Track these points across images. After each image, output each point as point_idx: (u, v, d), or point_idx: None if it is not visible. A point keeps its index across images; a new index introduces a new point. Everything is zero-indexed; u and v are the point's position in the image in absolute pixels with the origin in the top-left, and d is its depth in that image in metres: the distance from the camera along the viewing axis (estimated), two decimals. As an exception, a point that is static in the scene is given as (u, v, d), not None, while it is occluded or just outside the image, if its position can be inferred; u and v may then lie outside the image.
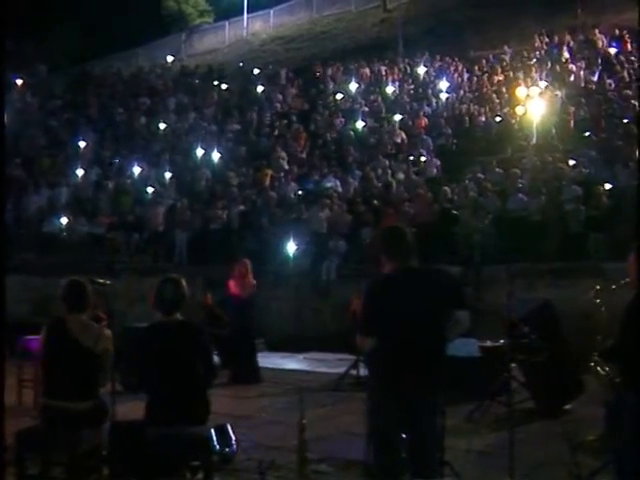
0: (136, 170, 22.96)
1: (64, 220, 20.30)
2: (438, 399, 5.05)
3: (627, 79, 21.26)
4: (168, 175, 22.41)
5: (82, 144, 25.20)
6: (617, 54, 23.50)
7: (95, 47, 39.50)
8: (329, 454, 7.49)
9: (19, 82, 29.79)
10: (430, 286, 5.05)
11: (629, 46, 23.88)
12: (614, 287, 6.07)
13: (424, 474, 4.98)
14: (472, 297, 13.72)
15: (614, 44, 24.21)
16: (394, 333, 4.93)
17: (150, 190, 21.48)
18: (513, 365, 8.68)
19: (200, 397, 5.50)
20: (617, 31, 24.93)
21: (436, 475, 5.16)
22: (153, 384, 5.45)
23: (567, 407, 9.50)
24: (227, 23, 42.82)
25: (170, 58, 37.97)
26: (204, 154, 23.29)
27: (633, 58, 22.51)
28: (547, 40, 25.98)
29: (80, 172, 23.27)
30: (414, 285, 5.02)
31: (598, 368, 6.23)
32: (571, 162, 16.94)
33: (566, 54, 24.27)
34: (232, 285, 12.78)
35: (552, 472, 7.02)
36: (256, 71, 30.96)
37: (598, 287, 6.35)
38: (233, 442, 7.45)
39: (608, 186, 14.79)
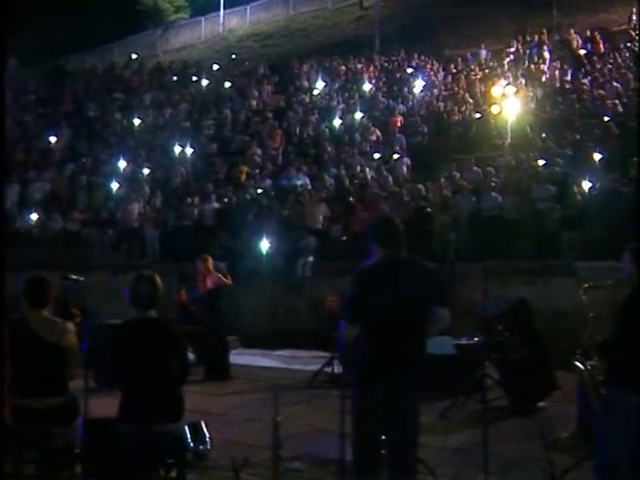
0: (119, 165, 22.82)
1: (34, 216, 20.15)
2: (417, 398, 5.04)
3: (601, 79, 21.41)
4: (143, 171, 22.30)
5: (54, 139, 25.04)
6: (591, 55, 23.68)
7: (70, 42, 39.18)
8: (303, 452, 7.48)
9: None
10: (417, 278, 5.08)
11: (601, 47, 24.10)
12: (604, 285, 6.10)
13: (402, 473, 4.98)
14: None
15: (585, 45, 24.41)
16: (378, 319, 4.93)
17: (115, 187, 21.35)
18: (488, 363, 8.74)
19: (174, 394, 5.46)
20: (589, 32, 25.12)
21: (413, 474, 5.16)
22: (127, 381, 5.41)
23: (541, 405, 9.55)
24: (203, 19, 42.62)
25: (143, 54, 37.71)
26: (180, 150, 23.19)
27: (616, 60, 22.65)
28: (525, 39, 26.05)
29: (54, 167, 23.11)
30: (401, 274, 5.06)
31: (580, 365, 6.24)
32: (543, 162, 17.01)
33: (546, 54, 24.36)
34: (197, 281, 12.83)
35: (526, 469, 7.05)
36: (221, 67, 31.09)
37: (586, 285, 6.36)
38: (207, 439, 7.43)
39: (587, 184, 14.87)
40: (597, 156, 16.09)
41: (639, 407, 5.06)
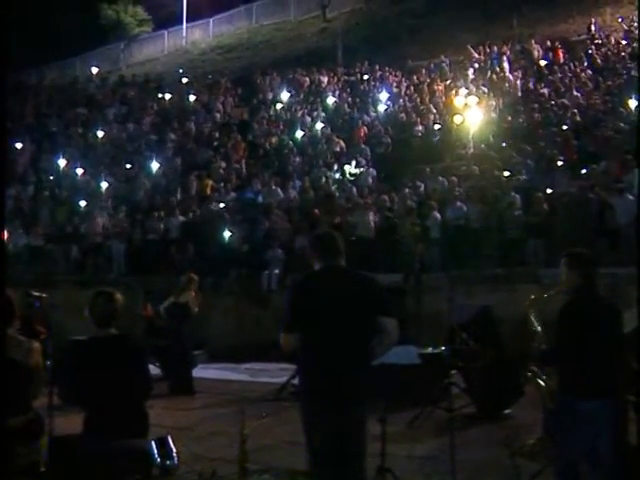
0: (82, 180, 22.65)
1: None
2: (364, 411, 4.99)
3: (562, 88, 21.67)
4: (107, 186, 22.18)
5: (18, 151, 24.88)
6: (551, 64, 23.98)
7: (32, 56, 38.80)
8: (271, 464, 7.45)
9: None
10: (354, 288, 5.05)
11: (561, 57, 24.42)
12: (546, 295, 6.13)
13: None
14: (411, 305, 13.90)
15: (546, 56, 24.72)
16: (315, 329, 4.92)
17: (79, 201, 21.21)
18: (454, 371, 8.78)
19: (138, 409, 5.42)
20: (549, 43, 25.44)
21: None
22: (89, 398, 5.37)
23: (507, 412, 9.61)
24: (166, 32, 42.49)
25: (106, 67, 37.55)
26: (143, 164, 23.11)
27: (575, 70, 22.94)
28: (486, 50, 26.28)
29: (17, 182, 22.90)
30: (338, 282, 5.06)
31: (537, 380, 6.29)
32: (508, 171, 17.15)
33: (505, 64, 24.62)
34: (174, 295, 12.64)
35: (493, 476, 7.10)
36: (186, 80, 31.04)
37: (533, 297, 6.38)
38: (174, 454, 7.39)
39: (549, 190, 15.02)
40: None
41: (587, 412, 5.18)
